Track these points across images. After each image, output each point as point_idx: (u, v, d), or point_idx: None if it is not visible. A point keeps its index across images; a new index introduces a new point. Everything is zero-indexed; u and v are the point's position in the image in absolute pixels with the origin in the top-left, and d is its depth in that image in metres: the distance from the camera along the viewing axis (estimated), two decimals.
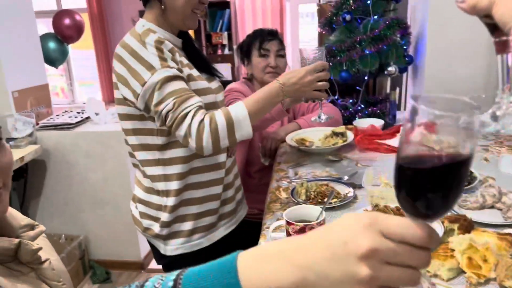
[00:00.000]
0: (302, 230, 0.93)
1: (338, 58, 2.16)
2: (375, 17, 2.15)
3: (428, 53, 2.19)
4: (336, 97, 2.33)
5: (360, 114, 2.26)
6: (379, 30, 2.09)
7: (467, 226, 0.99)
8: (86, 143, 2.49)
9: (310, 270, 0.42)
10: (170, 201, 1.25)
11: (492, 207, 1.12)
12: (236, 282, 0.44)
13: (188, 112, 1.11)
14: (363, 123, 1.83)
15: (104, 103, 2.77)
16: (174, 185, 1.25)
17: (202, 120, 1.11)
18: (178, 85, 1.13)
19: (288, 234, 0.96)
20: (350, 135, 1.70)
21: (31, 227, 0.84)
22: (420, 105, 0.40)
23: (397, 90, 2.66)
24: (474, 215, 1.06)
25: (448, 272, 0.88)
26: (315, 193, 1.25)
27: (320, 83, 1.22)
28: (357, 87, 2.32)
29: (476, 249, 0.90)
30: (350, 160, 1.57)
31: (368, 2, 2.13)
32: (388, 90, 2.74)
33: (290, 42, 5.42)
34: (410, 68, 2.43)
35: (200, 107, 1.13)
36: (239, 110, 1.14)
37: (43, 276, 0.78)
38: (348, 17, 2.12)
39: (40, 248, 0.77)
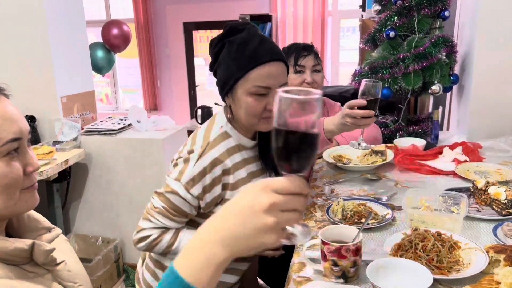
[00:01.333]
0: (337, 251, 0.91)
1: (380, 75, 2.13)
2: (420, 34, 2.11)
3: (476, 72, 2.11)
4: (376, 114, 2.28)
5: (400, 132, 2.21)
6: (424, 48, 2.05)
7: None
8: (127, 149, 2.56)
9: (232, 239, 0.56)
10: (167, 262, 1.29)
11: None
12: (187, 284, 0.55)
13: (153, 221, 1.20)
14: (404, 142, 1.78)
15: (146, 111, 2.85)
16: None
17: (154, 236, 1.21)
18: (179, 203, 1.17)
19: (323, 254, 0.94)
20: (390, 154, 1.66)
21: (48, 229, 0.87)
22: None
23: (440, 109, 2.58)
24: None
25: None
26: (352, 212, 1.23)
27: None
28: (399, 105, 2.27)
29: None
30: (390, 180, 1.53)
31: (414, 19, 2.09)
32: (430, 109, 2.66)
33: (330, 56, 5.39)
34: (455, 87, 2.35)
35: (166, 229, 1.21)
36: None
37: (59, 277, 0.81)
38: (392, 33, 2.08)
39: (53, 249, 0.80)
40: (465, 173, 1.49)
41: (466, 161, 1.59)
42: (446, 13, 2.12)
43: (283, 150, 0.57)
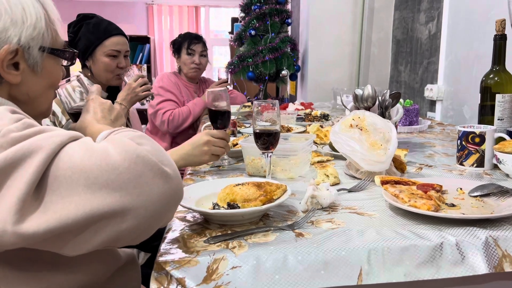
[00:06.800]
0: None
1: (246, 62, 2.88)
2: (273, 34, 2.94)
3: (310, 64, 3.01)
4: (245, 93, 3.03)
5: None
6: (275, 43, 2.88)
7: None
8: None
9: (187, 155, 1.09)
10: None
11: None
12: None
13: None
14: None
15: None
16: None
17: None
18: None
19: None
20: None
21: None
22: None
23: (288, 89, 3.46)
24: None
25: None
26: None
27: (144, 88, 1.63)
28: (260, 86, 3.05)
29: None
30: None
31: (268, 23, 2.93)
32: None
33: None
34: (299, 75, 3.24)
35: None
36: None
37: None
38: (253, 32, 2.87)
39: None
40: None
41: (302, 109, 2.38)
42: (289, 21, 3.00)
43: (215, 117, 1.16)
